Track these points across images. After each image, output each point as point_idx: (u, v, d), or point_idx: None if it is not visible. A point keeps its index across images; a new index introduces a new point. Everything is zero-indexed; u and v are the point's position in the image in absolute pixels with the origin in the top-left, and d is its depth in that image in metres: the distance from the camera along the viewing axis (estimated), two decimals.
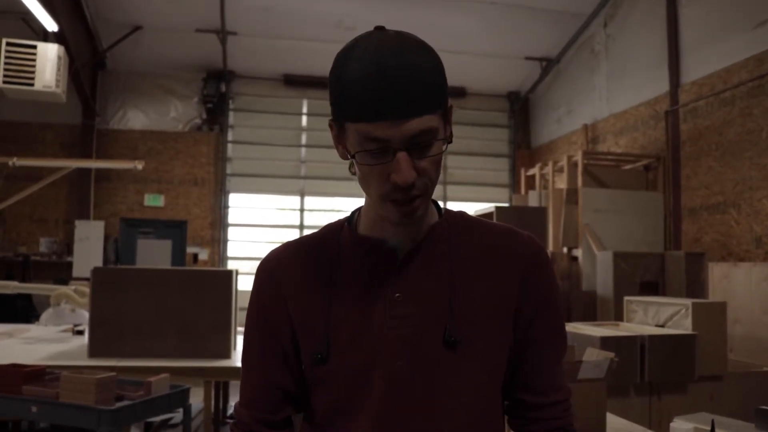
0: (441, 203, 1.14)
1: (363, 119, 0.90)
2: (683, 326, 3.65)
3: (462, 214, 1.13)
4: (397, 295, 1.01)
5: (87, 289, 4.53)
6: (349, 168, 1.02)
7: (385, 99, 0.88)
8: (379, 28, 0.95)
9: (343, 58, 0.92)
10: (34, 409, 2.71)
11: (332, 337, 1.02)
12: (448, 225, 1.08)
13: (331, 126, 1.00)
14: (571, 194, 7.17)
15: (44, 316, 5.12)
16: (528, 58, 9.98)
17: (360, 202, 1.13)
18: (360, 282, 1.04)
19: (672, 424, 1.79)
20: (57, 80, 6.34)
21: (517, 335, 1.06)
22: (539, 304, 1.07)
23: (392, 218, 0.97)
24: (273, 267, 1.09)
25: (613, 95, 8.60)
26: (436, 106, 0.92)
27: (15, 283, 5.48)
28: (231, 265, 10.09)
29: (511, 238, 1.09)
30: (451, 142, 0.98)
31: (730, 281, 5.29)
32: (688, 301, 3.72)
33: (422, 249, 1.04)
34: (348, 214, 1.14)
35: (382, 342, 1.00)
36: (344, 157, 0.99)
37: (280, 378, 1.07)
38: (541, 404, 1.08)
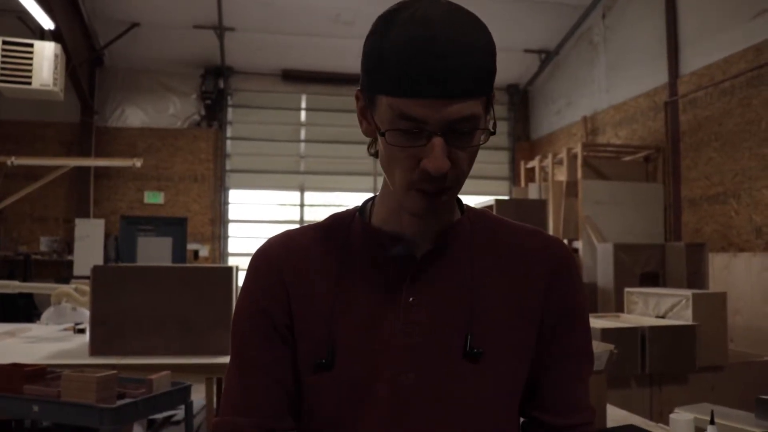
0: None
1: (400, 93, 0.78)
2: (684, 317, 3.65)
3: (485, 213, 1.02)
4: (412, 299, 0.90)
5: (88, 288, 4.54)
6: (368, 148, 0.92)
7: (428, 74, 0.76)
8: None
9: (384, 22, 0.81)
10: (35, 408, 2.71)
11: (336, 341, 0.89)
12: (471, 224, 0.97)
13: (357, 97, 0.88)
14: (571, 186, 7.16)
15: (45, 315, 5.12)
16: (527, 51, 9.96)
17: (362, 197, 1.05)
18: (370, 281, 0.92)
19: (672, 415, 1.79)
20: (54, 78, 6.33)
21: (539, 348, 0.94)
22: (565, 314, 0.96)
23: (414, 209, 0.85)
24: (272, 255, 0.96)
25: (612, 87, 8.58)
26: (483, 92, 0.82)
27: (16, 283, 5.48)
28: (231, 261, 10.10)
29: (537, 241, 0.98)
30: (494, 133, 0.86)
31: (731, 272, 5.29)
32: (689, 292, 3.73)
33: (441, 249, 0.93)
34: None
35: (392, 350, 0.89)
36: (369, 134, 0.88)
37: (285, 377, 0.92)
38: (562, 427, 0.95)
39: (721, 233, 6.47)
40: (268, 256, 0.96)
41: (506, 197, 9.66)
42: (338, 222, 0.99)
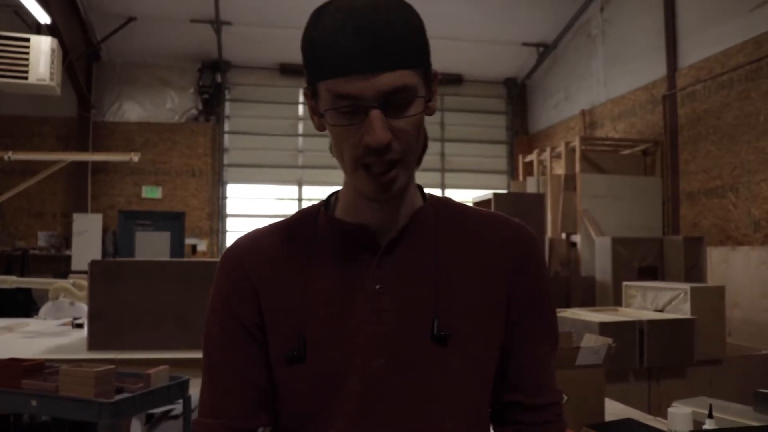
0: (439, 191, 1.06)
1: (333, 74, 0.82)
2: (682, 311, 3.65)
3: (448, 200, 1.03)
4: (378, 286, 0.92)
5: (85, 283, 4.53)
6: (330, 149, 0.93)
7: (356, 52, 0.81)
8: None
9: (315, 17, 0.86)
10: (33, 402, 2.71)
11: (307, 333, 0.91)
12: (434, 210, 0.99)
13: (306, 95, 0.92)
14: (570, 180, 7.16)
15: (43, 310, 5.12)
16: (525, 44, 9.94)
17: None
18: (337, 272, 0.94)
19: (670, 409, 1.79)
20: (51, 73, 6.30)
21: (507, 332, 0.97)
22: (531, 299, 0.98)
23: (367, 191, 0.87)
24: (241, 254, 0.97)
25: (610, 80, 8.57)
26: (414, 63, 0.85)
27: (13, 278, 5.47)
28: None
29: (501, 226, 1.00)
30: (429, 100, 0.90)
31: (729, 265, 5.29)
32: (687, 286, 3.73)
33: (406, 236, 0.94)
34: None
35: (361, 338, 0.90)
36: (320, 129, 0.90)
37: (256, 376, 0.94)
38: (536, 406, 0.98)
39: (719, 227, 6.48)
40: (234, 257, 0.98)
41: (504, 191, 9.66)
42: (304, 217, 1.00)
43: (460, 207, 1.03)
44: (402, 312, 0.92)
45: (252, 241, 0.99)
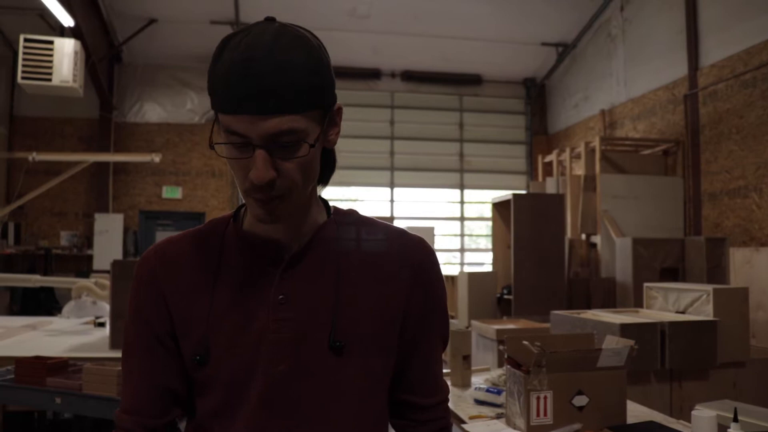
0: (458, 192, 1.08)
1: (225, 110, 0.87)
2: (704, 312, 3.61)
3: (353, 213, 1.10)
4: (281, 297, 0.97)
5: (107, 282, 4.58)
6: None
7: (246, 93, 0.84)
8: (269, 19, 0.92)
9: (220, 47, 0.89)
10: (58, 400, 2.75)
11: (212, 338, 0.97)
12: (337, 225, 1.05)
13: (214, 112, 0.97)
14: (589, 180, 7.11)
15: (66, 309, 5.18)
16: (544, 44, 9.89)
17: (379, 192, 1.07)
18: (243, 282, 0.99)
19: (694, 412, 1.77)
20: (74, 75, 6.39)
21: (404, 338, 1.04)
22: (427, 309, 1.06)
23: (256, 215, 0.93)
24: (153, 264, 1.03)
25: (630, 80, 8.50)
26: (305, 107, 0.87)
27: (37, 277, 5.55)
28: None
29: (400, 241, 1.06)
30: (314, 146, 0.90)
31: (752, 266, 5.22)
32: (709, 287, 3.68)
33: (309, 250, 1.00)
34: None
35: (263, 346, 0.96)
36: (210, 147, 0.95)
37: (165, 379, 1.01)
38: (428, 405, 1.09)
39: (742, 227, 6.39)
40: (146, 268, 1.03)
41: (524, 191, 9.62)
42: (214, 227, 1.06)
43: (364, 221, 1.09)
44: (303, 322, 0.97)
45: (163, 250, 1.04)
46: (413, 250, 1.06)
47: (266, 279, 0.99)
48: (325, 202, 1.09)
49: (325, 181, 1.06)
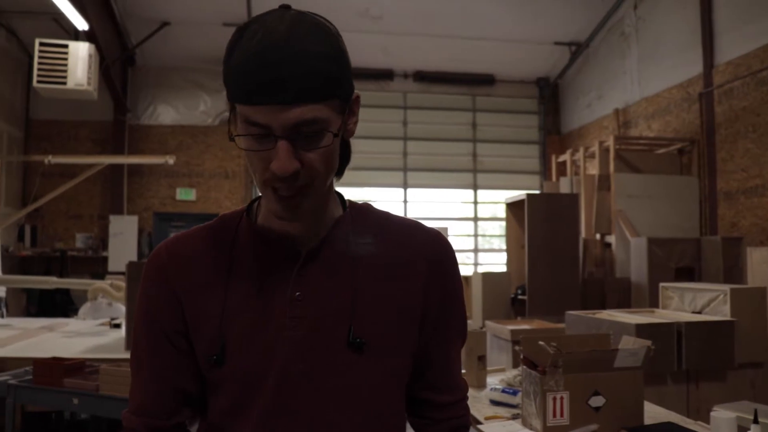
0: (471, 192, 1.06)
1: (245, 102, 0.84)
2: (721, 312, 3.57)
3: (367, 207, 1.07)
4: (298, 294, 0.95)
5: (123, 284, 4.61)
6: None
7: (265, 83, 0.82)
8: (285, 7, 0.89)
9: (236, 35, 0.86)
10: (75, 401, 2.77)
11: (227, 338, 0.94)
12: (353, 219, 1.02)
13: (229, 106, 0.93)
14: (604, 180, 7.07)
15: (82, 310, 5.23)
16: (557, 43, 9.84)
17: (393, 192, 1.05)
18: (258, 279, 0.96)
19: (713, 413, 1.75)
20: (89, 78, 6.44)
21: (423, 335, 1.02)
22: (446, 304, 1.04)
23: (274, 211, 0.90)
24: (164, 261, 0.99)
25: (644, 78, 8.44)
26: (326, 96, 0.85)
27: (54, 279, 5.60)
28: None
29: (417, 234, 1.04)
30: (337, 135, 0.88)
31: None
32: (726, 287, 3.64)
33: (325, 245, 0.98)
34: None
35: (280, 344, 0.94)
36: (230, 139, 0.92)
37: (175, 379, 0.99)
38: (447, 403, 1.07)
39: (759, 226, 6.33)
40: (156, 266, 1.00)
41: (537, 191, 9.57)
42: (226, 223, 1.03)
43: (379, 214, 1.07)
44: (319, 319, 0.95)
45: (174, 247, 1.01)
46: (430, 244, 1.04)
47: (282, 275, 0.96)
48: (340, 195, 1.06)
49: (340, 173, 1.02)
